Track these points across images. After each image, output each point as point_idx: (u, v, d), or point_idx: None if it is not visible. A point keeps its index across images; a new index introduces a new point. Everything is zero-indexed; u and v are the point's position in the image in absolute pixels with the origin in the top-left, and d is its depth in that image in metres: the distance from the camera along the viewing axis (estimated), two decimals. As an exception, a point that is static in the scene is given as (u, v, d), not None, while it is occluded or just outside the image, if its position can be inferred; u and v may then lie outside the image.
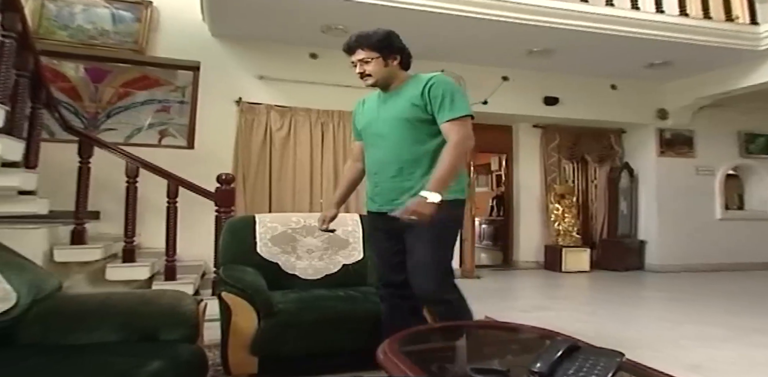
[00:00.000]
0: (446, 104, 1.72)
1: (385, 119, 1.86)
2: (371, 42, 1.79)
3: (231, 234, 2.39)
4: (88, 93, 4.38)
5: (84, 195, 3.02)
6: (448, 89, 1.75)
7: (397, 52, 1.84)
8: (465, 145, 1.71)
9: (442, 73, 1.89)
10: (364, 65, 1.81)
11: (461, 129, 1.71)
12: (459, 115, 1.72)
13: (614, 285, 4.96)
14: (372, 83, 1.86)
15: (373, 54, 1.79)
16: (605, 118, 5.94)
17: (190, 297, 1.63)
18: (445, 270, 1.78)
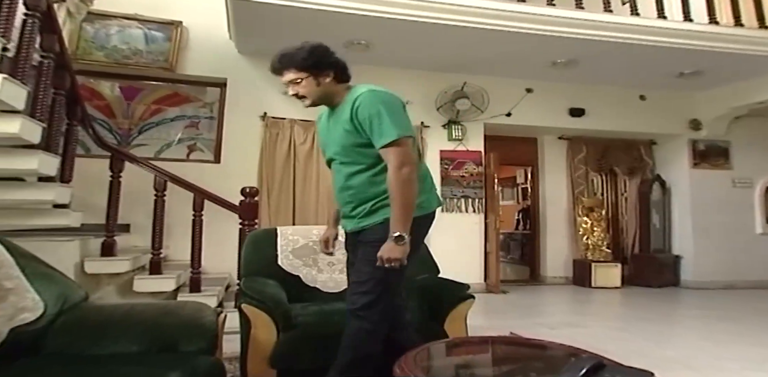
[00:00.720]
0: (375, 128, 1.56)
1: (332, 143, 1.75)
2: (296, 61, 1.64)
3: (253, 246, 2.41)
4: (122, 110, 4.55)
5: (115, 208, 3.11)
6: (375, 111, 1.56)
7: (329, 68, 1.67)
8: (403, 172, 1.54)
9: (375, 92, 1.62)
10: (295, 86, 1.68)
11: (396, 155, 1.54)
12: (390, 139, 1.54)
13: (648, 301, 4.77)
14: (309, 104, 1.72)
15: (301, 74, 1.65)
16: (634, 129, 5.80)
17: (210, 308, 1.64)
18: (376, 291, 1.59)
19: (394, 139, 1.54)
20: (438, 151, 5.25)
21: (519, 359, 1.45)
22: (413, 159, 1.59)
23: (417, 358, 1.32)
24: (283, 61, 1.66)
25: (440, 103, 5.16)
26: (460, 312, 2.06)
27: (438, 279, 2.29)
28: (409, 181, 1.55)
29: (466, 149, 5.32)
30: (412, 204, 1.57)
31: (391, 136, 1.54)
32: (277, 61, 1.68)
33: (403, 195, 1.55)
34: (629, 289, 5.46)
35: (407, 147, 1.58)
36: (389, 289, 1.63)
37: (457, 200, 5.21)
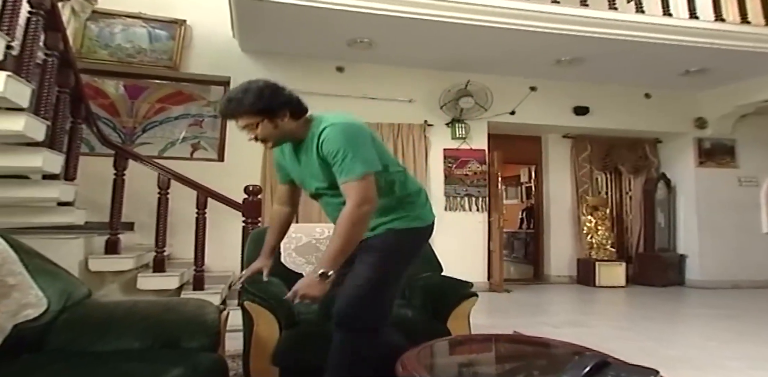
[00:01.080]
0: (337, 164, 1.50)
1: (312, 178, 1.66)
2: (245, 107, 1.51)
3: (255, 244, 2.40)
4: (126, 109, 4.57)
5: (119, 206, 3.11)
6: (338, 146, 1.50)
7: (282, 108, 1.54)
8: (362, 210, 1.48)
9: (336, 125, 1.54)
10: (252, 130, 1.56)
11: (358, 191, 1.48)
12: (351, 176, 1.48)
13: (652, 301, 4.74)
14: (272, 146, 1.65)
15: (255, 119, 1.53)
16: (639, 127, 5.77)
17: (213, 305, 1.63)
18: (371, 300, 1.54)
19: (356, 176, 1.48)
20: (441, 149, 5.24)
21: (522, 357, 1.44)
22: (374, 197, 1.51)
23: (420, 356, 1.32)
24: (232, 108, 1.53)
25: (444, 101, 5.14)
26: (463, 310, 2.05)
27: (441, 277, 2.27)
28: (363, 220, 1.50)
29: (470, 148, 5.31)
30: (353, 244, 1.51)
31: (353, 172, 1.48)
32: (224, 107, 1.56)
33: (349, 234, 1.48)
34: (633, 288, 5.43)
35: (370, 183, 1.51)
36: (382, 294, 1.58)
37: (460, 199, 5.20)
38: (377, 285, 1.56)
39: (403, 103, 5.16)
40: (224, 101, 1.56)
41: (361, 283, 1.55)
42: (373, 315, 1.55)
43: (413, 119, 5.14)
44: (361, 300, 1.53)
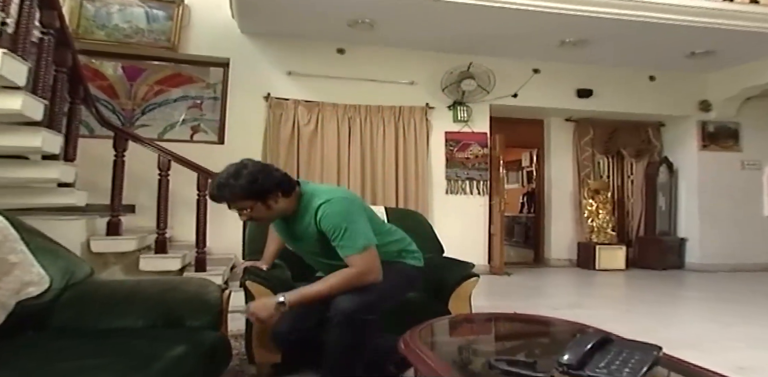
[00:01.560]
0: (338, 240, 1.60)
1: (308, 245, 1.77)
2: (237, 194, 1.57)
3: (256, 226, 2.40)
4: (124, 91, 4.52)
5: (119, 187, 3.10)
6: (338, 225, 1.60)
7: (275, 190, 1.61)
8: (364, 279, 1.59)
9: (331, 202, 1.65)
10: (245, 212, 1.63)
11: (363, 263, 1.59)
12: (355, 251, 1.59)
13: (652, 283, 4.77)
14: (267, 223, 1.78)
15: (247, 202, 1.60)
16: (643, 110, 5.71)
17: (215, 284, 1.64)
18: (375, 305, 1.60)
19: (359, 250, 1.59)
20: (443, 132, 5.20)
21: (524, 335, 1.45)
22: (379, 268, 1.62)
23: (422, 334, 1.32)
24: (225, 194, 1.58)
25: (446, 83, 5.09)
26: (464, 291, 2.05)
27: (442, 259, 2.28)
28: (355, 285, 1.58)
29: (472, 131, 5.27)
30: (327, 296, 1.58)
31: (355, 247, 1.59)
32: (217, 193, 1.59)
33: (336, 288, 1.57)
34: (633, 272, 5.46)
35: (373, 255, 1.62)
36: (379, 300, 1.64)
37: (461, 182, 5.19)
38: (383, 296, 1.65)
39: (404, 85, 5.10)
40: (215, 186, 1.59)
41: (372, 290, 1.61)
42: (373, 317, 1.59)
43: (415, 102, 5.09)
44: (367, 302, 1.58)
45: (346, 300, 1.56)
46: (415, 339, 1.24)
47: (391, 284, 1.72)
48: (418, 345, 1.20)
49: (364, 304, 1.57)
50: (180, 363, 1.21)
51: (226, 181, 1.56)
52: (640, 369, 0.92)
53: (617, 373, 0.92)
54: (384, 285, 1.66)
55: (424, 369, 1.09)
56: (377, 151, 4.89)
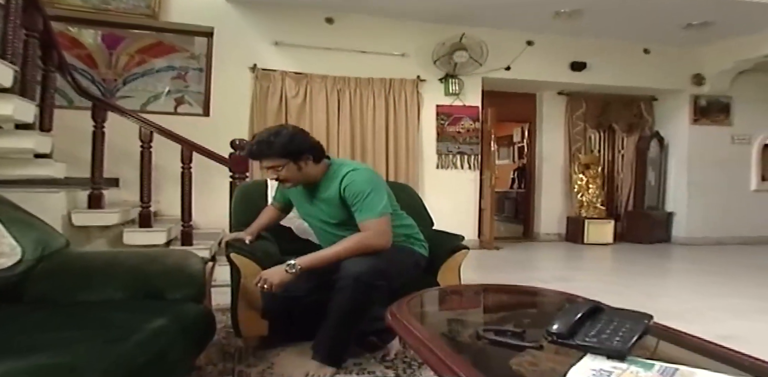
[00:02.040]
0: (359, 203, 1.68)
1: (322, 214, 1.82)
2: (275, 150, 1.66)
3: (242, 198, 2.35)
4: (104, 60, 4.35)
5: (99, 160, 3.01)
6: (362, 190, 1.68)
7: (307, 153, 1.72)
8: (375, 242, 1.65)
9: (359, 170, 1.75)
10: (276, 172, 1.71)
11: (378, 227, 1.66)
12: (373, 215, 1.66)
13: (639, 257, 4.83)
14: (291, 186, 1.80)
15: (281, 161, 1.69)
16: (636, 84, 5.65)
17: (197, 256, 1.59)
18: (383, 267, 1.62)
19: (377, 214, 1.66)
20: (434, 105, 5.11)
21: (513, 306, 1.43)
22: (391, 234, 1.70)
23: (410, 305, 1.29)
24: (263, 150, 1.68)
25: (437, 55, 4.96)
26: (454, 263, 2.03)
27: (432, 231, 2.24)
28: (367, 250, 1.63)
29: (463, 104, 5.18)
30: (339, 260, 1.62)
31: (374, 211, 1.66)
32: (255, 149, 1.69)
33: (347, 251, 1.62)
34: (621, 246, 5.52)
35: (388, 221, 1.70)
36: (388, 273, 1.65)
37: (452, 156, 5.13)
38: (392, 267, 1.67)
39: (395, 57, 4.97)
40: (256, 142, 1.69)
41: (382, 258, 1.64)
42: (382, 283, 1.60)
43: (406, 74, 4.98)
44: (377, 267, 1.60)
45: (357, 264, 1.58)
46: (403, 310, 1.21)
47: (400, 261, 1.76)
48: (406, 316, 1.17)
49: (375, 269, 1.58)
50: (160, 335, 1.17)
51: (267, 138, 1.67)
52: (630, 338, 0.90)
53: (607, 342, 0.90)
54: (393, 258, 1.70)
55: (411, 340, 1.06)
56: (367, 124, 4.80)
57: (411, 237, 1.91)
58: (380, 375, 1.67)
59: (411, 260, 1.84)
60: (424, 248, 1.94)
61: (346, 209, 1.73)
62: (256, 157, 1.70)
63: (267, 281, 1.59)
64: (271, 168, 1.70)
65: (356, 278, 1.55)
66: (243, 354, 1.83)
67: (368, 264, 1.58)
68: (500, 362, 0.94)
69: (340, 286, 1.58)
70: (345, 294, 1.57)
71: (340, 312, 1.60)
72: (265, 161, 1.70)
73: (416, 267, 1.87)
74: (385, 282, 1.61)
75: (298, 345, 1.89)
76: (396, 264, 1.71)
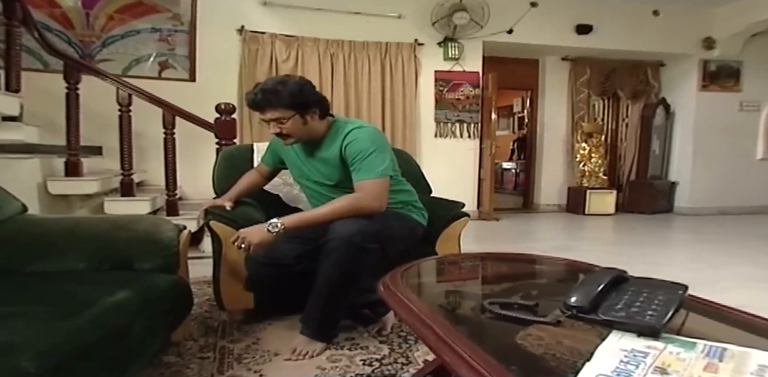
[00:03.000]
0: (359, 162, 1.55)
1: (317, 174, 1.68)
2: (283, 101, 1.51)
3: (226, 162, 2.18)
4: (80, 20, 4.07)
5: (75, 124, 2.81)
6: (365, 148, 1.55)
7: (315, 106, 1.58)
8: (368, 204, 1.50)
9: (364, 128, 1.62)
10: (279, 125, 1.55)
11: (373, 189, 1.52)
12: (371, 175, 1.52)
13: (642, 227, 4.71)
14: (292, 142, 1.62)
15: (287, 113, 1.53)
16: (644, 48, 5.38)
17: (170, 223, 1.44)
18: (375, 230, 1.48)
19: (376, 175, 1.53)
20: (432, 71, 4.87)
21: (519, 276, 1.29)
22: (386, 198, 1.55)
23: (405, 275, 1.15)
24: (269, 99, 1.52)
25: (436, 17, 4.69)
26: (453, 232, 1.89)
27: (430, 198, 2.09)
28: (357, 212, 1.49)
29: (463, 70, 4.94)
30: (326, 221, 1.49)
31: (372, 171, 1.53)
32: (260, 98, 1.52)
33: (335, 213, 1.49)
34: (622, 216, 5.41)
35: (386, 184, 1.56)
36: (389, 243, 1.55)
37: (451, 125, 4.94)
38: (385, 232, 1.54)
39: (391, 18, 4.69)
40: (258, 92, 1.53)
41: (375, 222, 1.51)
42: (375, 246, 1.48)
43: (402, 37, 4.71)
44: (369, 230, 1.47)
45: (347, 225, 1.44)
46: (397, 281, 1.07)
47: (395, 225, 1.63)
48: (400, 288, 1.02)
49: (366, 231, 1.44)
50: (120, 309, 1.03)
51: (274, 86, 1.52)
52: (665, 313, 0.76)
53: (638, 316, 0.76)
54: (388, 222, 1.57)
55: (406, 314, 0.92)
56: (362, 90, 4.58)
57: (409, 204, 1.77)
58: (374, 350, 1.55)
59: (407, 226, 1.70)
60: (422, 216, 1.80)
61: (345, 169, 1.60)
62: (261, 106, 1.53)
63: (245, 240, 1.45)
64: (274, 120, 1.54)
65: (346, 240, 1.41)
66: (227, 329, 1.71)
67: (359, 226, 1.44)
68: (508, 339, 0.80)
69: (328, 249, 1.44)
70: (334, 258, 1.43)
71: (329, 279, 1.46)
72: (269, 112, 1.53)
73: (412, 235, 1.73)
74: (378, 246, 1.47)
75: (286, 318, 1.78)
76: (390, 228, 1.57)
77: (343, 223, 1.45)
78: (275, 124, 1.55)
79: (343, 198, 1.52)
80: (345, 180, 1.61)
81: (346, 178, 1.60)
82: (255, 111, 1.58)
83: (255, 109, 1.57)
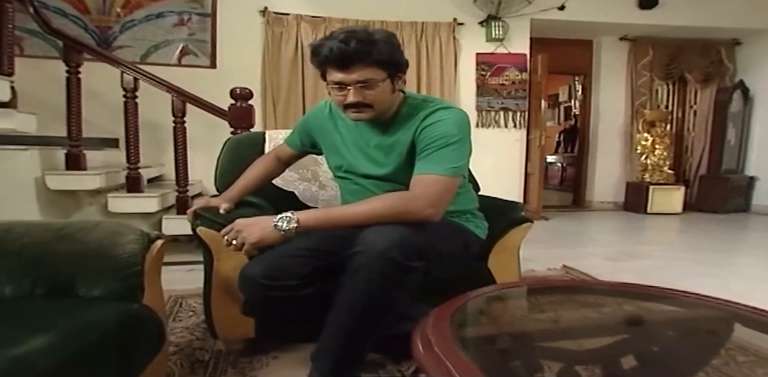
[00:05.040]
0: (431, 151, 1.15)
1: (369, 162, 1.28)
2: (382, 55, 1.11)
3: (232, 153, 1.82)
4: (97, 5, 3.82)
5: (76, 112, 2.53)
6: (450, 134, 1.16)
7: (405, 69, 1.20)
8: (420, 207, 1.08)
9: (452, 110, 1.23)
10: (363, 90, 1.13)
11: (434, 187, 1.11)
12: (440, 171, 1.12)
13: (719, 229, 4.07)
14: (367, 118, 1.19)
15: (380, 73, 1.13)
16: (717, 23, 4.70)
17: (137, 231, 1.08)
18: (421, 244, 1.07)
19: (446, 173, 1.13)
20: (474, 53, 4.39)
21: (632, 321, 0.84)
22: (446, 205, 1.15)
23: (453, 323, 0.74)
24: (366, 51, 1.09)
25: (479, -9, 4.20)
26: (511, 241, 1.46)
27: (481, 198, 1.66)
28: (405, 213, 1.08)
29: (508, 52, 4.44)
30: (358, 221, 1.09)
31: (442, 168, 1.13)
32: (353, 48, 1.07)
33: (375, 212, 1.08)
34: (692, 215, 4.77)
35: (453, 187, 1.16)
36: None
37: (495, 113, 4.45)
38: (432, 249, 1.12)
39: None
40: (344, 38, 1.08)
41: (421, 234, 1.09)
42: (419, 265, 1.05)
43: (440, 17, 4.25)
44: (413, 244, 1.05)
45: (384, 234, 1.03)
46: (444, 337, 0.66)
47: (446, 239, 1.21)
48: (451, 354, 0.61)
49: (410, 244, 1.03)
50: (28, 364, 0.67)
51: (367, 35, 1.10)
52: None
53: None
54: (437, 234, 1.16)
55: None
56: (396, 76, 4.16)
57: (467, 213, 1.35)
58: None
59: (461, 241, 1.28)
60: (480, 228, 1.38)
61: (410, 159, 1.21)
62: (350, 60, 1.09)
63: (240, 234, 1.08)
64: (362, 83, 1.12)
65: (382, 254, 1.00)
66: (220, 363, 1.34)
67: (401, 235, 1.03)
68: None
69: (355, 266, 1.03)
70: (362, 279, 1.02)
71: (352, 307, 1.06)
72: (357, 70, 1.11)
73: (466, 253, 1.30)
74: (422, 265, 1.05)
75: (297, 348, 1.40)
76: (441, 243, 1.16)
77: (379, 231, 1.05)
78: (358, 88, 1.13)
79: (388, 196, 1.13)
80: (402, 172, 1.22)
81: (406, 170, 1.20)
82: (332, 68, 1.13)
83: (335, 65, 1.12)
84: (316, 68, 1.20)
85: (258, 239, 1.07)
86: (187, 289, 1.97)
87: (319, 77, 1.22)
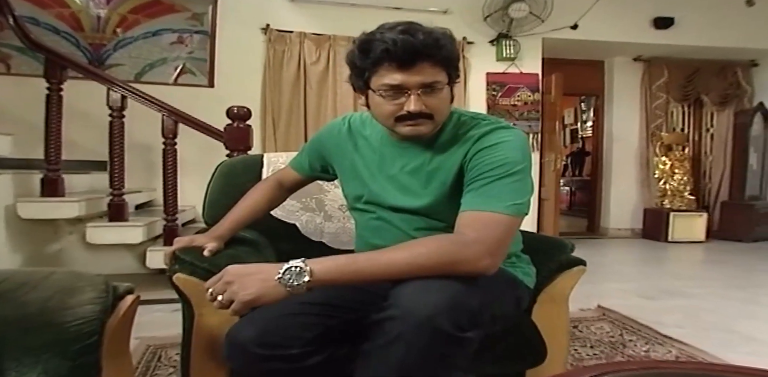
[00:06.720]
0: (484, 183, 0.90)
1: (399, 191, 1.02)
2: (450, 53, 0.91)
3: (224, 180, 1.57)
4: (91, 21, 3.66)
5: (56, 132, 2.31)
6: (511, 161, 0.91)
7: (458, 76, 0.98)
8: (474, 259, 0.81)
9: (512, 131, 0.98)
10: (426, 97, 0.89)
11: (494, 232, 0.84)
12: (497, 209, 0.86)
13: (753, 260, 3.74)
14: (428, 133, 0.95)
15: (444, 76, 0.91)
16: (734, 44, 4.58)
17: (98, 286, 0.82)
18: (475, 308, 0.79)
19: (509, 212, 0.87)
20: (484, 73, 4.24)
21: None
22: (503, 255, 0.88)
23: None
24: (439, 46, 0.87)
25: (489, 10, 4.06)
26: (561, 289, 1.20)
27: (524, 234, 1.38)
28: (455, 263, 0.80)
29: (520, 71, 4.27)
30: (388, 273, 0.81)
31: (503, 205, 0.87)
32: (422, 41, 0.85)
33: (413, 263, 0.80)
34: (717, 244, 4.49)
35: (513, 230, 0.89)
36: None
37: (506, 135, 4.23)
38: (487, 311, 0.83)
39: (436, 14, 4.09)
40: (408, 29, 0.86)
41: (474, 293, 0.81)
42: (473, 335, 0.77)
43: (449, 35, 4.09)
44: (467, 307, 0.78)
45: (428, 293, 0.76)
46: None
47: (502, 300, 0.95)
48: None
49: (462, 310, 0.76)
50: None
51: (429, 29, 0.88)
52: None
53: None
54: (495, 294, 0.90)
55: None
56: (403, 96, 3.97)
57: (512, 256, 1.07)
58: None
59: (512, 296, 1.01)
60: (529, 276, 1.10)
61: (455, 189, 0.96)
62: (419, 55, 0.86)
63: (230, 288, 0.80)
64: (427, 86, 0.88)
65: (426, 322, 0.73)
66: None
67: (450, 297, 0.76)
68: None
69: (389, 336, 0.75)
70: (397, 354, 0.74)
71: None
72: (424, 69, 0.88)
73: (518, 310, 1.04)
74: (477, 335, 0.78)
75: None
76: (494, 302, 0.88)
77: (420, 287, 0.78)
78: (421, 94, 0.89)
79: (433, 239, 0.84)
80: (443, 206, 0.97)
81: (447, 202, 0.96)
82: (389, 68, 0.88)
83: (396, 63, 0.87)
84: (360, 72, 0.94)
85: (254, 297, 0.78)
86: (168, 337, 1.69)
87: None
